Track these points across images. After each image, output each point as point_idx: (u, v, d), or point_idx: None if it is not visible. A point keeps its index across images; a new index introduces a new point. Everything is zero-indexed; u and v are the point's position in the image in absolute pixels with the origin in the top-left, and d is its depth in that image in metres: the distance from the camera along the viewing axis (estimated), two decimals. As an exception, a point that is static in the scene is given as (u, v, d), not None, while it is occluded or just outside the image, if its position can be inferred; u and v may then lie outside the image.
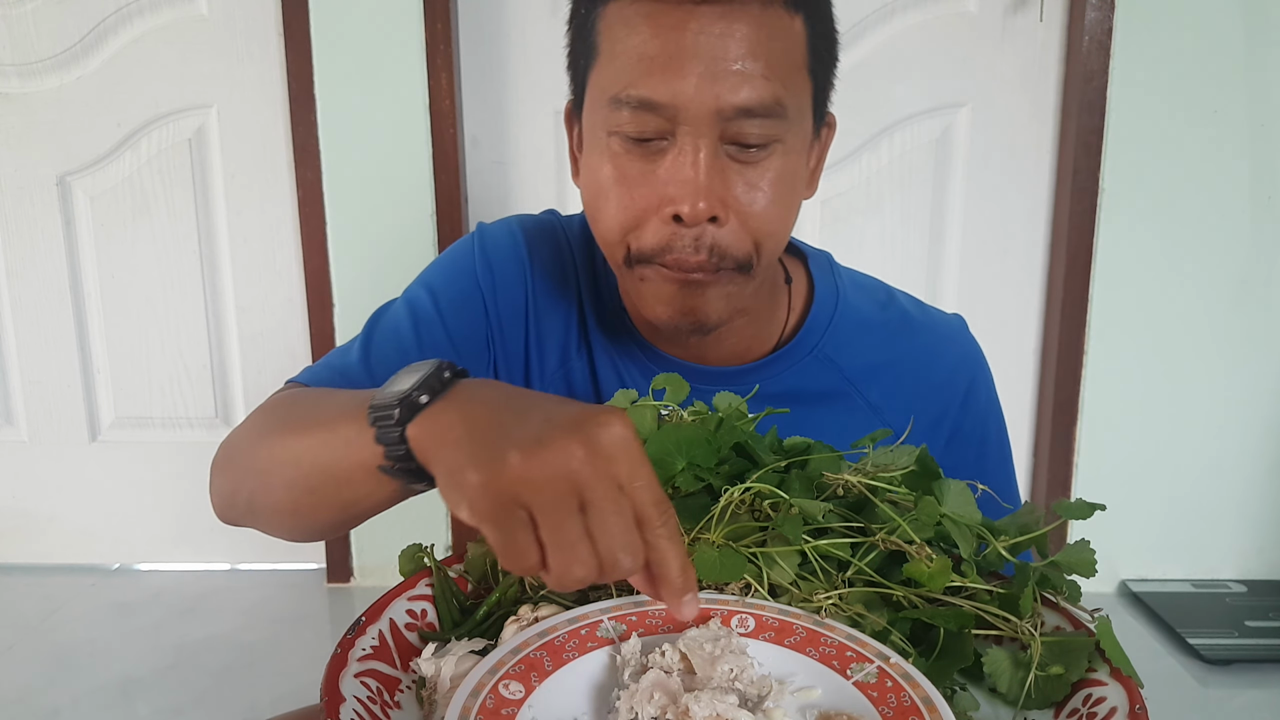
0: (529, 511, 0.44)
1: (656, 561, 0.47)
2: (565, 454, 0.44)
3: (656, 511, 0.46)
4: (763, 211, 0.70)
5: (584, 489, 0.44)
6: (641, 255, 0.71)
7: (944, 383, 0.86)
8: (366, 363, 0.81)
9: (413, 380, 0.52)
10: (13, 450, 2.30)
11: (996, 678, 0.53)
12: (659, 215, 0.70)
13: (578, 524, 0.44)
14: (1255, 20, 1.94)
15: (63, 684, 1.83)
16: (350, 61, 2.00)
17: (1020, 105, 2.05)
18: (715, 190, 0.68)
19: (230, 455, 0.71)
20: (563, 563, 0.44)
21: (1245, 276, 2.06)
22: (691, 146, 0.67)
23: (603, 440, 0.45)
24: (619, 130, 0.69)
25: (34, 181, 2.15)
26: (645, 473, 0.46)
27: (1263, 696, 1.77)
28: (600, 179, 0.72)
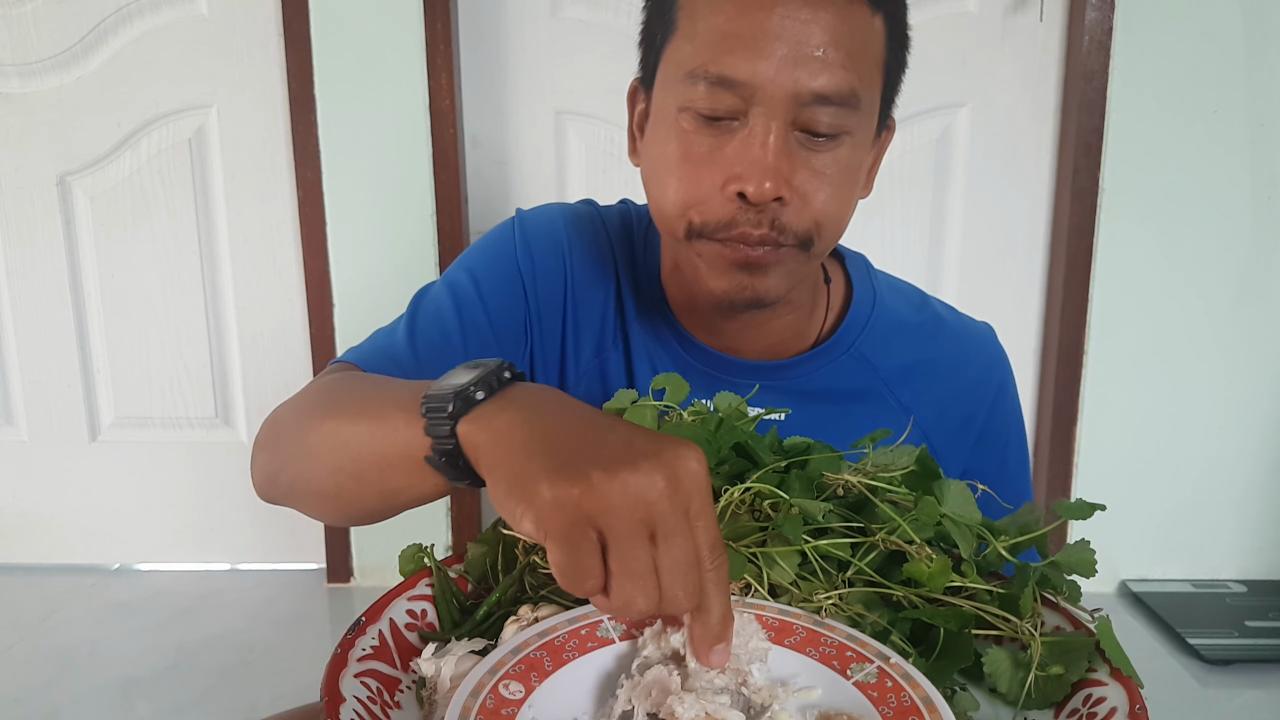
0: (600, 534, 0.44)
1: (703, 605, 0.46)
2: (649, 481, 0.43)
3: (712, 555, 0.45)
4: (826, 200, 0.71)
5: (659, 520, 0.44)
6: (704, 230, 0.72)
7: (974, 385, 0.88)
8: (412, 343, 0.81)
9: (471, 376, 0.51)
10: (13, 450, 2.30)
11: (996, 678, 0.53)
12: (723, 193, 0.70)
13: (648, 555, 0.44)
14: (1255, 20, 1.94)
15: (63, 684, 1.83)
16: (350, 61, 2.00)
17: (1020, 105, 2.05)
18: (782, 172, 0.68)
19: (276, 434, 0.70)
20: (628, 592, 0.44)
21: (1245, 276, 2.06)
22: (763, 128, 0.68)
23: (681, 473, 0.44)
24: (691, 106, 0.69)
25: (34, 181, 2.15)
26: (710, 513, 0.45)
27: (1263, 696, 1.77)
28: (666, 154, 0.72)
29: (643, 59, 0.78)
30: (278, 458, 0.69)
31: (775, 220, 0.70)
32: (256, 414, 2.25)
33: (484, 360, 0.53)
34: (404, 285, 2.24)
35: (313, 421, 0.65)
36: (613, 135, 2.04)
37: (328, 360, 2.15)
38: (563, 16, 2.03)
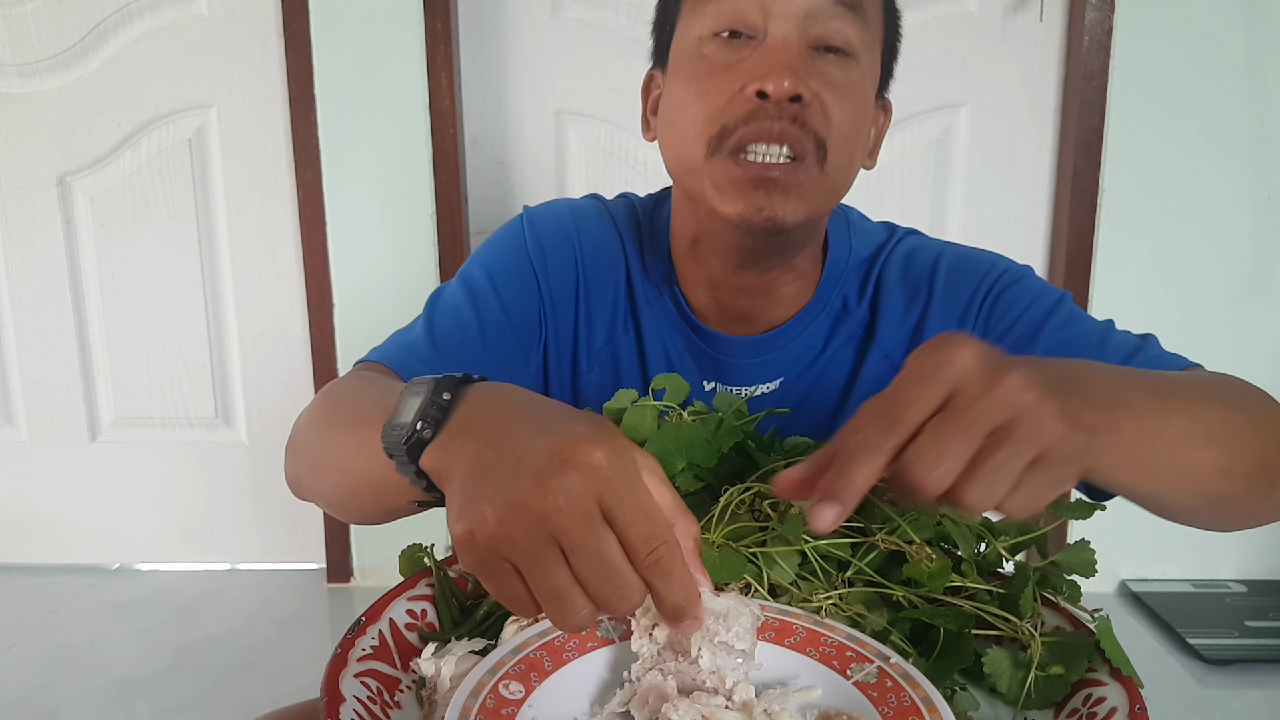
0: (513, 566, 0.44)
1: (653, 594, 0.46)
2: (535, 507, 0.43)
3: (645, 547, 0.44)
4: (840, 113, 0.73)
5: (561, 537, 0.43)
6: (724, 132, 0.73)
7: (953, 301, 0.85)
8: (432, 340, 0.82)
9: (414, 409, 0.52)
10: (13, 450, 2.30)
11: (996, 678, 0.53)
12: (744, 94, 0.72)
13: (562, 572, 0.43)
14: (1255, 20, 1.94)
15: (63, 684, 1.83)
16: (350, 61, 2.00)
17: (1020, 105, 2.05)
18: (800, 74, 0.71)
19: (295, 440, 0.74)
20: (556, 613, 0.44)
21: (1245, 276, 2.06)
22: (781, 37, 0.72)
23: (573, 483, 0.43)
24: (712, 29, 0.73)
25: (34, 181, 2.15)
26: (632, 502, 0.44)
27: (1263, 696, 1.77)
28: (688, 78, 0.76)
29: (656, 42, 0.82)
30: (297, 464, 0.73)
31: (796, 116, 0.72)
32: (256, 414, 2.25)
33: (420, 383, 0.54)
34: (404, 285, 2.26)
35: (317, 433, 0.69)
36: (613, 135, 2.04)
37: (328, 360, 2.15)
38: (563, 16, 2.03)
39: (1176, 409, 0.55)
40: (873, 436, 0.45)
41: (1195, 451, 0.56)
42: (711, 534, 0.58)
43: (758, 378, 0.85)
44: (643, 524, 0.44)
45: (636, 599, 0.45)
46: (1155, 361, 0.75)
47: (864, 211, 0.96)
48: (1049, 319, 0.80)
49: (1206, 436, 0.57)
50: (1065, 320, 0.80)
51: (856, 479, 0.45)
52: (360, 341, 2.13)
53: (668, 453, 0.62)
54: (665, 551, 0.44)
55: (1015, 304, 0.82)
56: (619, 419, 0.67)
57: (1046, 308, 0.81)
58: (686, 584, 0.46)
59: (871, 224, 0.92)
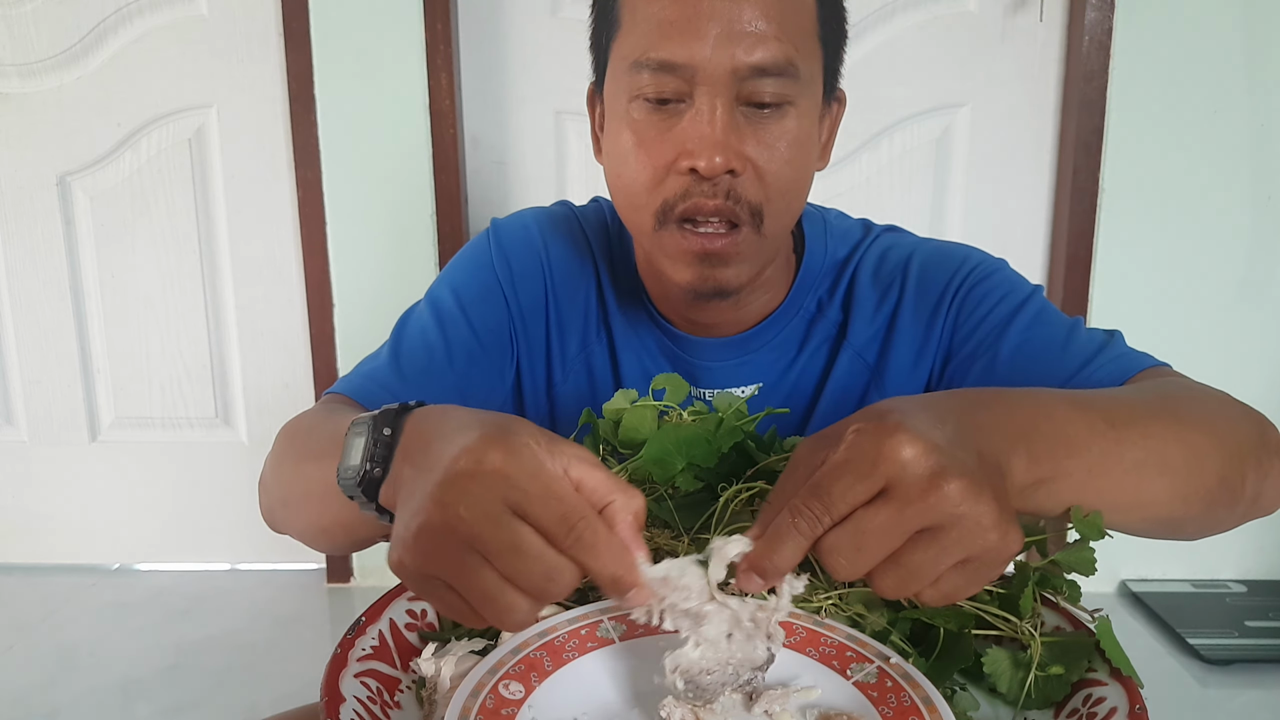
0: (444, 582, 0.45)
1: (588, 572, 0.45)
2: (441, 522, 0.44)
3: (561, 528, 0.44)
4: (778, 169, 0.73)
5: (474, 544, 0.44)
6: (665, 208, 0.73)
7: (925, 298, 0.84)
8: (397, 366, 0.83)
9: (359, 450, 0.53)
10: (13, 450, 2.30)
11: (996, 678, 0.53)
12: (676, 169, 0.72)
13: (488, 576, 0.44)
14: (1255, 20, 1.94)
15: (63, 684, 1.83)
16: (350, 61, 2.00)
17: (1020, 105, 2.05)
18: (731, 145, 0.70)
19: (265, 477, 0.75)
20: (494, 615, 0.45)
21: (1245, 276, 2.06)
22: (708, 106, 0.70)
23: (470, 491, 0.44)
24: (640, 94, 0.72)
25: (34, 181, 2.15)
26: (534, 493, 0.44)
27: (1263, 697, 1.77)
28: (622, 145, 0.75)
29: (594, 62, 0.81)
30: (269, 499, 0.74)
31: (730, 191, 0.72)
32: (256, 414, 2.25)
33: (361, 421, 0.55)
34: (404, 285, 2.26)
35: (285, 471, 0.70)
36: (613, 135, 2.03)
37: (328, 360, 2.15)
38: (563, 16, 2.03)
39: (1132, 441, 0.55)
40: (800, 524, 0.45)
41: (1150, 482, 0.56)
42: (711, 534, 0.58)
43: (733, 381, 0.85)
44: (554, 506, 0.44)
45: (568, 577, 0.45)
46: (1120, 360, 0.75)
47: (865, 212, 0.96)
48: (1017, 315, 0.80)
49: (1162, 465, 0.57)
50: (1033, 317, 0.80)
51: (780, 561, 0.46)
52: (360, 341, 2.14)
53: (667, 453, 0.62)
54: (585, 527, 0.44)
55: (985, 299, 0.81)
56: (619, 420, 0.67)
57: (1015, 304, 0.80)
58: (616, 554, 0.45)
59: (849, 222, 0.91)
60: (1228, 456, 0.60)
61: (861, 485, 0.44)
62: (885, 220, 0.94)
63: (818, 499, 0.45)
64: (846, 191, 2.07)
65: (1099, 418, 0.55)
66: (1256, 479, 0.62)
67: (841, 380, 0.84)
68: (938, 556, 0.44)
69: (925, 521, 0.44)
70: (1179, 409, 0.62)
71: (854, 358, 0.84)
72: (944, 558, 0.44)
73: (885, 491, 0.44)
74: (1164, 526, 0.61)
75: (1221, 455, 0.60)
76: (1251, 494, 0.62)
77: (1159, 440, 0.57)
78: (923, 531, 0.44)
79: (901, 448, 0.44)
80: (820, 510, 0.45)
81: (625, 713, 0.49)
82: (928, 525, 0.44)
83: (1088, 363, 0.75)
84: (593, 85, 0.83)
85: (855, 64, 2.01)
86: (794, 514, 0.45)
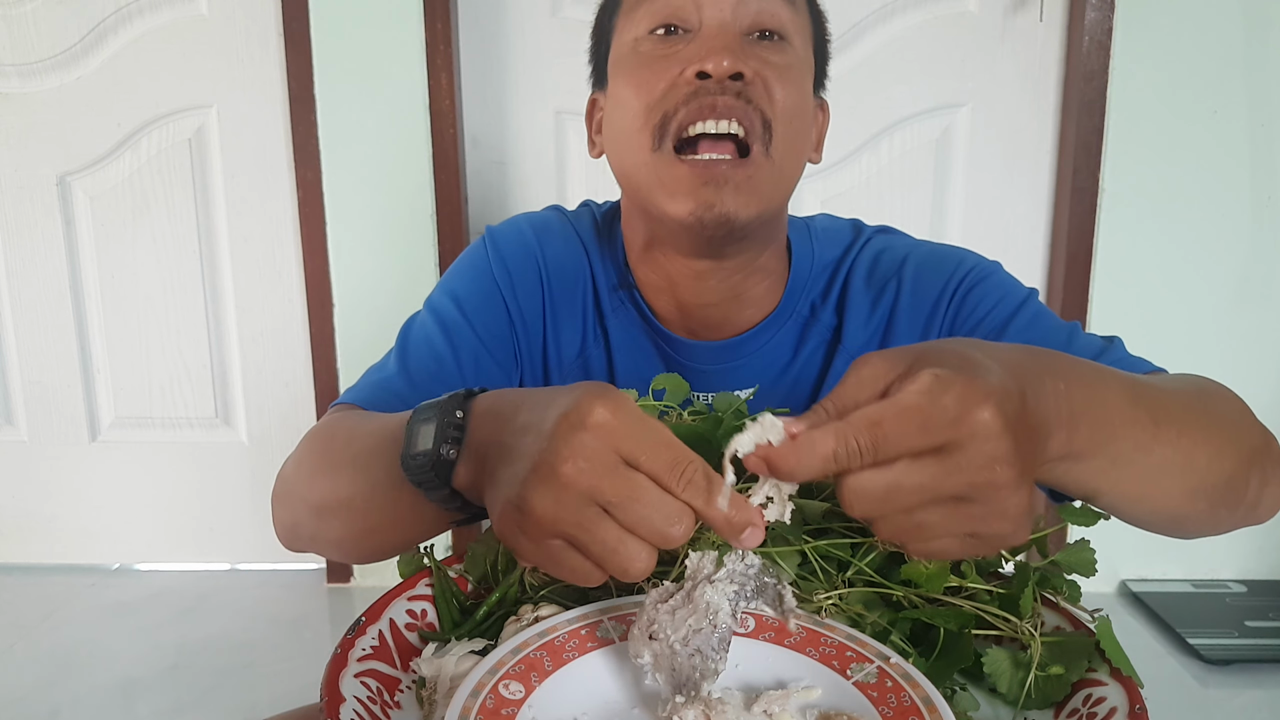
0: (564, 539, 0.45)
1: (702, 516, 0.45)
2: (560, 476, 0.44)
3: (673, 474, 0.45)
4: (783, 93, 0.74)
5: (594, 496, 0.44)
6: (666, 118, 0.73)
7: (920, 303, 0.84)
8: (406, 374, 0.83)
9: (430, 435, 0.53)
10: (13, 450, 2.30)
11: (996, 678, 0.53)
12: (684, 78, 0.73)
13: (610, 527, 0.44)
14: (1255, 20, 1.94)
15: (63, 684, 1.83)
16: (350, 61, 2.00)
17: (1020, 105, 2.05)
18: (738, 55, 0.72)
19: (287, 490, 0.73)
20: (617, 566, 0.45)
21: (1245, 276, 2.06)
22: (717, 25, 0.73)
23: (585, 442, 0.44)
24: (647, 27, 0.75)
25: (34, 181, 2.15)
26: (646, 442, 0.45)
27: (1263, 697, 1.76)
28: (625, 77, 0.76)
29: (595, 63, 0.83)
30: (293, 514, 0.72)
31: (740, 93, 0.72)
32: (256, 414, 2.25)
33: (429, 407, 0.55)
34: (404, 285, 2.26)
35: (316, 478, 0.69)
36: (613, 135, 2.04)
37: (328, 360, 2.15)
38: (563, 16, 2.03)
39: (1166, 439, 0.55)
40: (842, 451, 0.43)
41: (1168, 478, 0.56)
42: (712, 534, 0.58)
43: (728, 385, 0.85)
44: (664, 454, 0.45)
45: (688, 520, 0.45)
46: (1120, 365, 0.74)
47: (865, 212, 0.96)
48: (1015, 317, 0.80)
49: (1186, 465, 0.57)
50: (1031, 319, 0.80)
51: (799, 472, 0.44)
52: (360, 341, 2.14)
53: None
54: (694, 471, 0.45)
55: (983, 301, 0.81)
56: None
57: (1013, 306, 0.80)
58: (727, 496, 0.45)
59: (837, 223, 0.91)
60: (1241, 460, 0.61)
61: (923, 440, 0.42)
62: (885, 221, 0.94)
63: (870, 435, 0.43)
64: (846, 191, 2.07)
65: (1145, 413, 0.54)
66: (1259, 485, 0.62)
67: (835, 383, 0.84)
68: (950, 523, 0.44)
69: (962, 494, 0.43)
70: (1208, 409, 0.62)
71: (848, 360, 0.84)
72: (956, 526, 0.44)
73: (940, 451, 0.43)
74: (1167, 521, 0.61)
75: (1237, 458, 0.60)
76: (1253, 499, 0.62)
77: (1189, 440, 0.57)
78: (950, 498, 0.43)
79: (983, 421, 0.42)
80: (869, 447, 0.43)
81: (626, 713, 0.49)
82: (961, 497, 0.43)
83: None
84: (592, 95, 0.85)
85: (856, 64, 2.02)
86: (839, 438, 0.43)
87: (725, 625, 0.49)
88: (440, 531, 0.63)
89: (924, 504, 0.43)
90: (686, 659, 0.48)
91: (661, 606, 0.50)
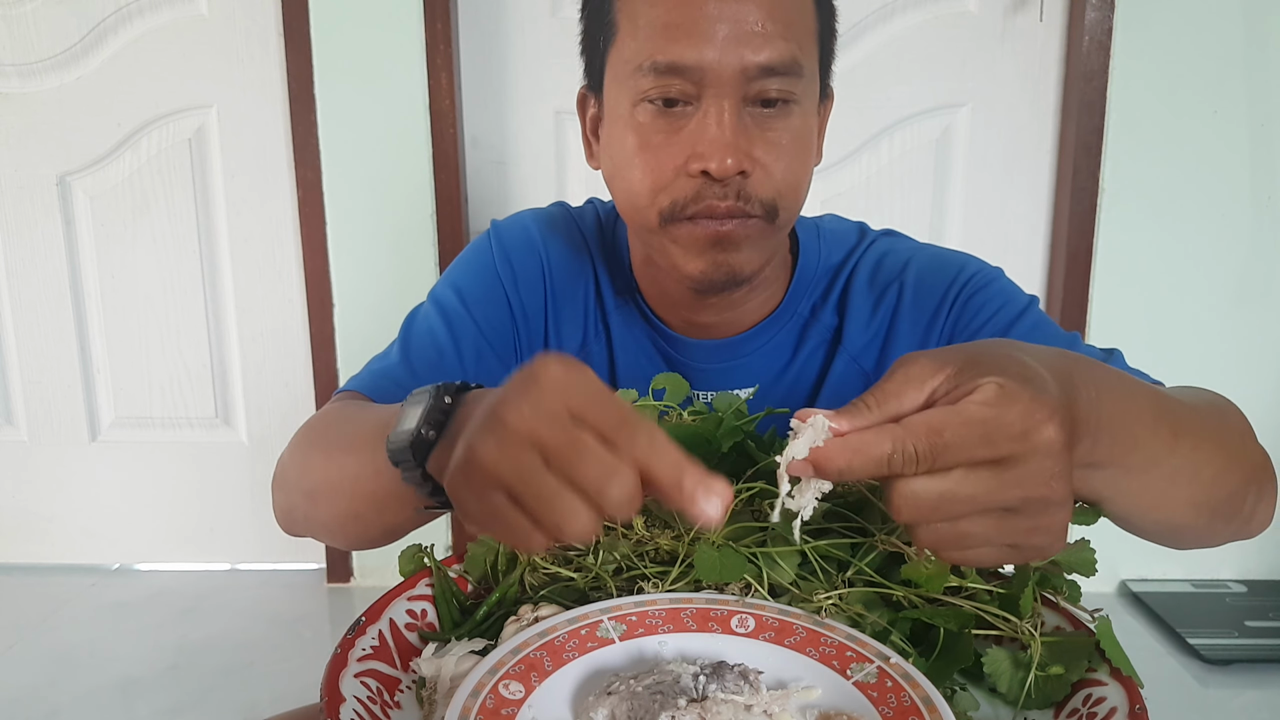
0: (504, 492, 0.43)
1: (645, 478, 0.42)
2: (506, 423, 0.43)
3: (622, 432, 0.42)
4: (786, 167, 0.73)
5: (536, 443, 0.42)
6: (674, 209, 0.73)
7: (921, 307, 0.84)
8: (408, 364, 0.84)
9: (417, 416, 0.53)
10: (13, 450, 2.30)
11: (996, 678, 0.53)
12: (687, 172, 0.72)
13: (547, 479, 0.42)
14: (1255, 20, 1.94)
15: (63, 684, 1.83)
16: (350, 61, 2.00)
17: (1020, 105, 2.05)
18: (741, 146, 0.71)
19: (283, 474, 0.75)
20: (552, 520, 0.42)
21: (1245, 276, 2.06)
22: (716, 108, 0.71)
23: (534, 394, 0.43)
24: (645, 97, 0.72)
25: (34, 181, 2.14)
26: (594, 398, 0.43)
27: (1263, 697, 1.76)
28: (626, 148, 0.75)
29: (587, 65, 0.81)
30: (289, 498, 0.74)
31: (740, 191, 0.72)
32: (256, 414, 2.25)
33: (422, 391, 0.55)
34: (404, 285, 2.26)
35: (311, 462, 0.70)
36: (613, 135, 2.03)
37: (328, 360, 2.15)
38: (563, 16, 2.03)
39: (1182, 453, 0.55)
40: (896, 456, 0.42)
41: (1176, 490, 0.56)
42: (712, 534, 0.58)
43: (727, 384, 0.86)
44: (612, 411, 0.43)
45: (629, 481, 0.42)
46: None
47: (865, 212, 0.96)
48: (1015, 324, 0.80)
49: (1193, 477, 0.57)
50: (1031, 327, 0.80)
51: (848, 472, 0.43)
52: (360, 341, 2.14)
53: (668, 453, 0.62)
54: (642, 429, 0.42)
55: (984, 307, 0.81)
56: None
57: (1013, 313, 0.81)
58: (675, 457, 0.42)
59: (844, 225, 0.92)
60: (1243, 476, 0.61)
61: (985, 452, 0.42)
62: (885, 220, 0.94)
63: (929, 442, 0.42)
64: (846, 191, 2.07)
65: (1167, 426, 0.54)
66: (1254, 501, 0.63)
67: (837, 386, 0.84)
68: (994, 534, 0.43)
69: (1014, 506, 0.43)
70: (1222, 423, 0.62)
71: (849, 363, 0.85)
72: (999, 537, 0.43)
73: (1000, 463, 0.42)
74: (1167, 531, 0.61)
75: (1240, 474, 0.61)
76: (1247, 514, 0.63)
77: (1202, 455, 0.57)
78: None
79: (1047, 438, 0.42)
80: (927, 454, 0.42)
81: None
82: (1011, 509, 0.43)
83: None
84: (584, 88, 0.83)
85: (856, 64, 2.02)
86: (897, 442, 0.42)
87: (687, 686, 0.48)
88: (413, 527, 0.63)
89: (973, 513, 0.43)
90: (648, 697, 0.47)
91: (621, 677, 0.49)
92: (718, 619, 0.55)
